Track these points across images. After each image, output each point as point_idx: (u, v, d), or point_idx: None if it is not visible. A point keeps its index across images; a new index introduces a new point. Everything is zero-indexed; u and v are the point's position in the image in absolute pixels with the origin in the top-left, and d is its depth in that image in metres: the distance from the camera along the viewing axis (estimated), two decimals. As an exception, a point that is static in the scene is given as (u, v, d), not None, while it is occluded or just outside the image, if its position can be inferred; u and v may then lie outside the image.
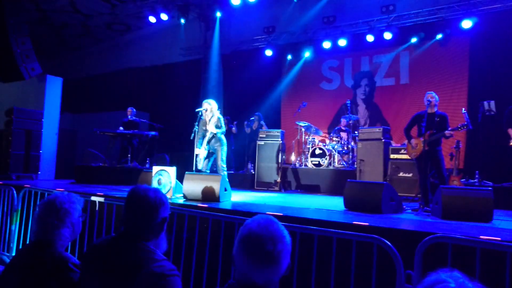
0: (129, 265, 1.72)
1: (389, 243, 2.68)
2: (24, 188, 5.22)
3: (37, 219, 2.15)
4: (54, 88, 9.94)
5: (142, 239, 1.82)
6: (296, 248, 3.09)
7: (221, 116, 6.64)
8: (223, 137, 6.67)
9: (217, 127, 6.53)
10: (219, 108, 6.61)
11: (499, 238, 3.22)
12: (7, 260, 4.83)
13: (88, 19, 12.72)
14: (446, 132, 5.43)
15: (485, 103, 7.06)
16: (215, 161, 6.69)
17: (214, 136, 6.57)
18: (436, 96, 5.73)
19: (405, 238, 3.45)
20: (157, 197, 1.90)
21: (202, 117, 6.66)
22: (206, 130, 6.56)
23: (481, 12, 8.75)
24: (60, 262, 2.02)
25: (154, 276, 1.67)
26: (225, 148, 6.66)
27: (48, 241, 2.09)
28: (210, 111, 6.56)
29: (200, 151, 6.59)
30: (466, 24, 8.79)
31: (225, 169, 6.65)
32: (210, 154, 6.67)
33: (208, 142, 6.58)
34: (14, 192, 5.16)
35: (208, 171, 6.63)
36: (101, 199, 4.49)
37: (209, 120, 6.55)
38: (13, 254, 4.91)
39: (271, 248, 1.42)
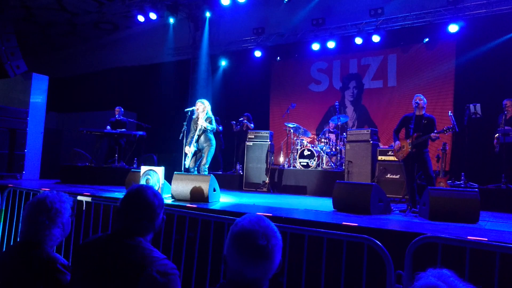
0: (132, 264, 1.71)
1: (379, 244, 2.69)
2: (8, 188, 5.11)
3: (26, 219, 2.08)
4: (40, 87, 9.77)
5: (140, 237, 1.83)
6: (286, 249, 3.08)
7: (212, 116, 6.59)
8: (212, 137, 6.58)
9: (209, 123, 6.48)
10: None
11: (486, 239, 3.26)
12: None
13: (74, 17, 12.54)
14: (432, 134, 5.47)
15: (471, 106, 7.17)
16: (200, 160, 6.57)
17: (204, 133, 6.47)
18: (424, 99, 5.79)
19: (393, 238, 3.47)
20: (161, 198, 1.97)
21: (193, 116, 6.61)
22: (197, 129, 6.49)
23: (467, 16, 8.90)
24: (48, 263, 1.97)
25: (158, 274, 1.67)
26: (212, 149, 6.54)
27: (37, 242, 2.04)
28: (203, 110, 6.51)
29: (189, 148, 6.51)
30: (453, 28, 8.93)
31: (206, 170, 6.47)
32: (198, 152, 6.56)
33: (197, 140, 6.50)
34: (-2, 191, 5.05)
35: (195, 170, 6.54)
36: (88, 199, 4.42)
37: (201, 118, 6.49)
38: (-3, 255, 4.80)
39: (264, 243, 1.41)
